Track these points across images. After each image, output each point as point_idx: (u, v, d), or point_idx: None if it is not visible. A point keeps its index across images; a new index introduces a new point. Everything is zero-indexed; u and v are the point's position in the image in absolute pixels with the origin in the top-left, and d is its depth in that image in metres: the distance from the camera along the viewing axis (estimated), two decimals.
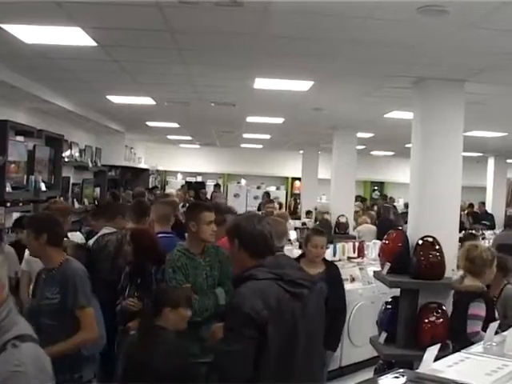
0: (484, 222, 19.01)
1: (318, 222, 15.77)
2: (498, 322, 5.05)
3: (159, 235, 7.08)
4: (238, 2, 5.28)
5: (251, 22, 6.15)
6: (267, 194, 24.04)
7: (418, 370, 3.76)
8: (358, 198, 21.89)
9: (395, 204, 23.78)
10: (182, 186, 25.38)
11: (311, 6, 5.44)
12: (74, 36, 6.85)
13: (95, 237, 7.89)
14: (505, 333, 4.59)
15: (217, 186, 26.63)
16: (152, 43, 7.30)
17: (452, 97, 8.49)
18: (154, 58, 8.19)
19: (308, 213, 19.13)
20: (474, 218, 20.01)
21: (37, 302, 5.26)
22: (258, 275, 3.85)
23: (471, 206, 22.40)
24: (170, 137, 22.40)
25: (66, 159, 14.75)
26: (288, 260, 4.40)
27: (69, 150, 15.18)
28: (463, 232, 11.77)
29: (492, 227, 17.73)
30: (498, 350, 4.32)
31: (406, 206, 20.21)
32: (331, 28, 6.19)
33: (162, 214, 7.65)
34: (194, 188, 26.05)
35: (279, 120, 14.62)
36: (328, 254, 9.74)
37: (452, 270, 8.37)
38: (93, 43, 7.18)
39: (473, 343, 4.97)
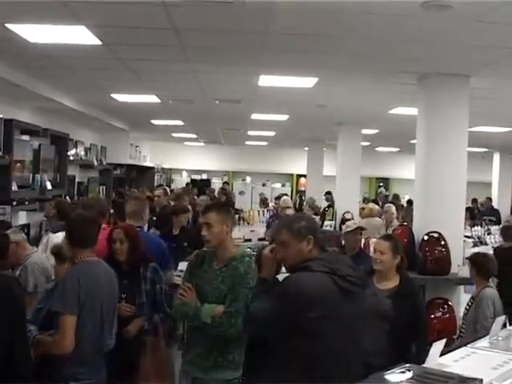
0: (490, 217, 18.94)
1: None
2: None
3: None
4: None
5: (255, 19, 6.16)
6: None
7: (424, 365, 3.76)
8: (365, 201, 21.86)
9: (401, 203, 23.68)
10: (186, 184, 25.31)
11: (315, 2, 5.44)
12: (78, 35, 6.87)
13: None
14: (510, 327, 4.60)
15: (225, 183, 26.54)
16: (156, 41, 7.32)
17: (457, 92, 8.49)
18: (159, 55, 8.21)
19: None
20: (472, 214, 19.91)
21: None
22: (313, 267, 4.11)
23: (475, 201, 22.35)
24: (174, 135, 22.40)
25: (72, 158, 14.77)
26: (342, 257, 4.84)
27: (74, 149, 15.21)
28: None
29: (498, 223, 17.66)
30: (503, 344, 4.33)
31: (409, 202, 20.19)
32: (335, 24, 6.19)
33: (132, 211, 7.64)
34: (199, 186, 26.05)
35: (284, 117, 14.62)
36: None
37: (458, 266, 8.39)
38: (97, 42, 7.19)
39: None
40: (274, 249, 4.44)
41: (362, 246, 9.41)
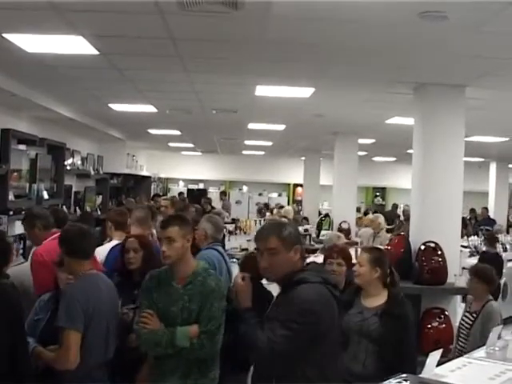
0: (486, 227, 18.97)
1: None
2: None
3: None
4: (237, 2, 5.29)
5: (252, 29, 6.17)
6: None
7: (420, 375, 3.76)
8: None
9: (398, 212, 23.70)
10: (179, 194, 25.14)
11: (312, 12, 5.46)
12: (75, 44, 6.87)
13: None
14: (507, 337, 4.60)
15: (223, 193, 26.43)
16: (153, 51, 7.33)
17: (453, 102, 8.51)
18: (156, 65, 8.22)
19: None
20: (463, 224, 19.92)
21: None
22: (310, 278, 4.05)
23: (473, 211, 22.37)
24: (171, 144, 22.42)
25: (68, 167, 14.75)
26: (322, 266, 5.04)
27: (71, 158, 15.19)
28: None
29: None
30: (500, 354, 4.32)
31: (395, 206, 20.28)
32: (332, 34, 6.20)
33: (140, 218, 7.60)
34: (195, 195, 25.98)
35: (281, 127, 14.63)
36: None
37: (454, 275, 8.40)
38: (94, 51, 7.19)
39: None
40: (246, 277, 4.36)
41: None
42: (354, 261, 10.04)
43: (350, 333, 5.51)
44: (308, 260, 11.00)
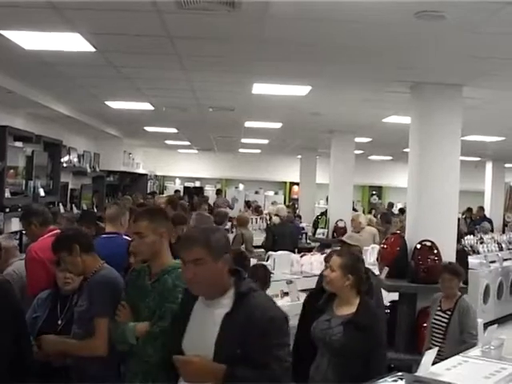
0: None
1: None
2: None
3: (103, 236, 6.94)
4: (235, 2, 5.30)
5: (249, 28, 6.17)
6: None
7: (416, 374, 3.77)
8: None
9: (393, 210, 23.74)
10: (175, 192, 25.12)
11: (309, 11, 5.46)
12: (72, 42, 6.86)
13: None
14: (503, 336, 4.61)
15: (218, 191, 26.34)
16: (151, 49, 7.32)
17: (450, 101, 8.52)
18: (153, 63, 8.21)
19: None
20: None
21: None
22: (254, 287, 3.72)
23: (469, 210, 22.40)
24: (168, 142, 22.41)
25: (65, 164, 14.76)
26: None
27: (67, 156, 15.19)
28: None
29: (491, 231, 17.71)
30: (495, 353, 4.34)
31: (401, 211, 20.31)
32: (329, 33, 6.21)
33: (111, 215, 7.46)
34: (192, 193, 26.00)
35: (277, 125, 14.63)
36: None
37: None
38: (91, 49, 7.19)
39: None
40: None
41: None
42: None
43: (315, 341, 5.32)
44: (304, 258, 11.01)
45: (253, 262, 8.46)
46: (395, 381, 3.49)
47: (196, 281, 3.56)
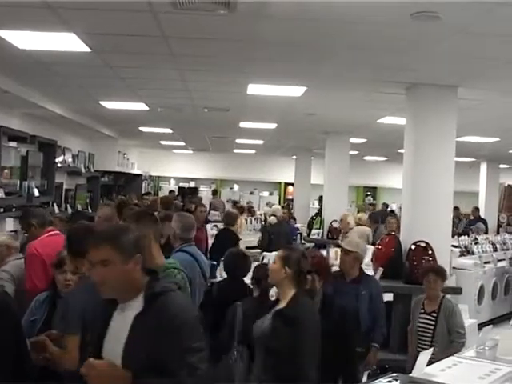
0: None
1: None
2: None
3: None
4: (230, 3, 5.30)
5: (244, 28, 6.17)
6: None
7: (411, 375, 3.78)
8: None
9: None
10: (169, 192, 25.03)
11: (304, 11, 5.46)
12: (68, 42, 6.86)
13: None
14: (497, 337, 4.62)
15: (214, 191, 26.13)
16: (146, 49, 7.32)
17: (445, 102, 8.54)
18: (148, 63, 8.21)
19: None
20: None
21: None
22: (170, 286, 3.57)
23: (456, 208, 22.39)
24: (163, 142, 22.39)
25: (59, 165, 14.72)
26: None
27: (62, 156, 15.15)
28: None
29: (485, 232, 17.73)
30: (490, 354, 4.34)
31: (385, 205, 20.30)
32: (324, 34, 6.21)
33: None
34: (186, 194, 25.94)
35: (272, 125, 14.63)
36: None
37: None
38: (87, 49, 7.18)
39: None
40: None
41: None
42: None
43: (254, 340, 5.20)
44: None
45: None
46: (390, 381, 3.50)
47: (104, 283, 3.34)
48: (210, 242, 11.78)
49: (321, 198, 20.21)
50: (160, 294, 3.34)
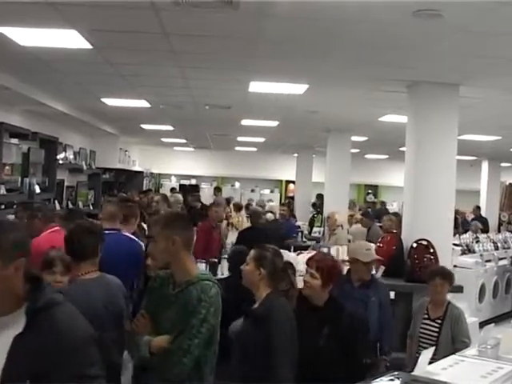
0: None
1: None
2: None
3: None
4: (233, 2, 5.29)
5: (246, 26, 6.16)
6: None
7: (413, 373, 3.77)
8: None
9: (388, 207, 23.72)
10: (171, 190, 24.99)
11: (306, 9, 5.46)
12: (69, 38, 6.85)
13: None
14: (499, 335, 4.61)
15: (217, 189, 25.87)
16: (148, 46, 7.31)
17: (446, 100, 8.53)
18: (150, 60, 8.20)
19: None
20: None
21: None
22: (56, 298, 2.81)
23: None
24: (164, 139, 22.39)
25: (61, 161, 14.73)
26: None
27: (63, 153, 15.17)
28: None
29: (486, 231, 17.74)
30: (492, 352, 4.33)
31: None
32: (326, 31, 6.20)
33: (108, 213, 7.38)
34: (188, 191, 25.91)
35: (274, 123, 14.62)
36: None
37: None
38: (88, 46, 7.17)
39: None
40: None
41: None
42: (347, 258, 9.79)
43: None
44: (300, 257, 10.97)
45: None
46: (392, 380, 3.48)
47: None
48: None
49: (318, 196, 20.21)
50: (44, 308, 2.68)
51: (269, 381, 4.56)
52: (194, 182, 30.63)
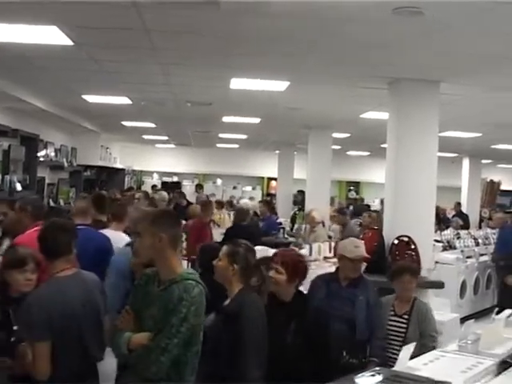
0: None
1: None
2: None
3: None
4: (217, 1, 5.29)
5: (228, 23, 6.16)
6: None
7: (393, 369, 3.79)
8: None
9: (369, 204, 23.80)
10: (152, 187, 24.94)
11: (287, 7, 5.46)
12: (50, 35, 6.82)
13: None
14: (479, 331, 4.63)
15: (199, 186, 25.86)
16: (129, 43, 7.29)
17: (427, 97, 8.56)
18: (131, 57, 8.17)
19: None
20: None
21: None
22: None
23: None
24: (145, 137, 22.35)
25: (42, 159, 14.68)
26: None
27: (44, 150, 15.11)
28: None
29: (467, 227, 17.83)
30: (472, 347, 4.36)
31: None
32: (307, 29, 6.21)
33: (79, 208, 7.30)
34: (169, 188, 25.86)
35: (255, 120, 14.62)
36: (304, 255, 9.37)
37: (427, 270, 8.44)
38: (69, 42, 7.15)
39: None
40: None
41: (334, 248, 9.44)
42: (328, 254, 9.82)
43: None
44: None
45: None
46: (373, 375, 3.50)
47: None
48: None
49: (299, 192, 20.26)
50: None
51: (237, 379, 4.52)
52: (175, 179, 30.57)
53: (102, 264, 5.97)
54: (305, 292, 5.97)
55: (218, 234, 13.05)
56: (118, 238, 6.78)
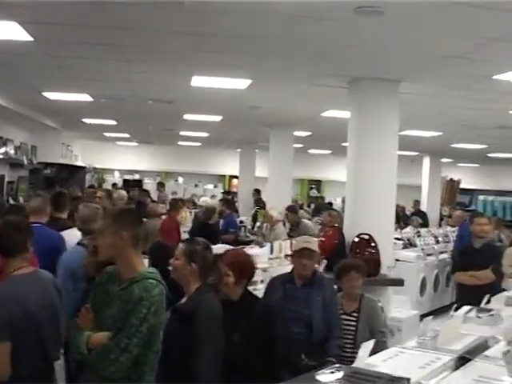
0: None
1: None
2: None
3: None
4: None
5: (189, 21, 6.15)
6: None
7: (353, 365, 3.81)
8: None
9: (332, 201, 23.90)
10: (112, 185, 24.76)
11: (248, 5, 5.47)
12: (9, 30, 6.75)
13: None
14: (438, 327, 4.68)
15: (160, 184, 25.64)
16: (90, 39, 7.24)
17: (387, 96, 8.62)
18: (92, 54, 8.11)
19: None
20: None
21: None
22: None
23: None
24: (107, 134, 22.21)
25: (1, 156, 14.54)
26: None
27: (3, 147, 14.96)
28: None
29: (425, 225, 17.99)
30: (431, 344, 4.40)
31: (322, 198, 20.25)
32: (268, 26, 6.23)
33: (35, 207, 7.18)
34: (131, 186, 25.71)
35: (217, 118, 14.62)
36: (265, 253, 9.39)
37: (387, 267, 8.50)
38: (29, 38, 7.08)
39: None
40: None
41: None
42: (289, 252, 9.80)
43: None
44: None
45: None
46: (332, 372, 3.52)
47: None
48: None
49: (255, 191, 20.29)
50: None
51: (192, 379, 4.48)
52: (137, 176, 30.42)
53: (53, 263, 5.94)
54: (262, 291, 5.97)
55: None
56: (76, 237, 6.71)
